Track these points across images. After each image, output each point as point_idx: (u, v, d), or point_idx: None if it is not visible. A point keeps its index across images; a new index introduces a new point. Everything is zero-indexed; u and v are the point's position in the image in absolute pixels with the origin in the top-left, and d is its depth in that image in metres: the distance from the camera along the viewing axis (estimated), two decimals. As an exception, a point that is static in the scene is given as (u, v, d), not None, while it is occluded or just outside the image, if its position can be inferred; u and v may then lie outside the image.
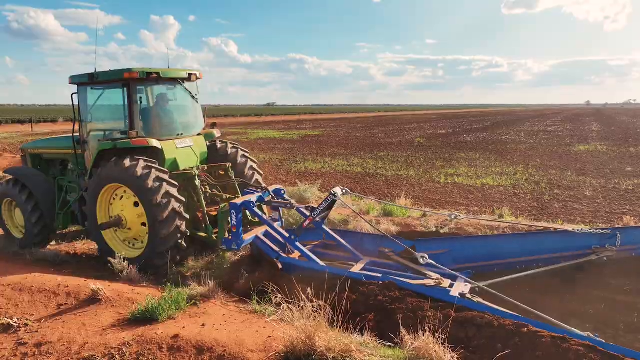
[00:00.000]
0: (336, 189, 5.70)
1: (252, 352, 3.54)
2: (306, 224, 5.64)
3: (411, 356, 3.52)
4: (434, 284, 4.72)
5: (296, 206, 6.07)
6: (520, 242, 5.47)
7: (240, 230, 5.55)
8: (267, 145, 26.94)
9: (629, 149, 22.55)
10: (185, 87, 6.96)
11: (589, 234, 5.04)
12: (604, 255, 4.93)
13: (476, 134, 35.27)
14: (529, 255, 5.27)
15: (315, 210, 5.65)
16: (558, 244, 5.22)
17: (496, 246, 5.49)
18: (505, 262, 5.31)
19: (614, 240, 4.96)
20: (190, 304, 4.63)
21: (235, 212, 5.48)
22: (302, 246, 5.59)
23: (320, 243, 6.17)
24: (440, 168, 16.66)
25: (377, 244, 5.96)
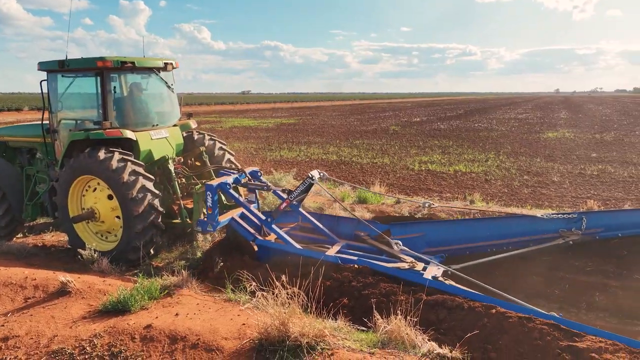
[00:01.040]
0: (313, 172, 5.71)
1: (226, 339, 3.54)
2: (283, 206, 5.62)
3: (384, 339, 3.60)
4: (407, 267, 4.82)
5: (273, 188, 6.05)
6: (492, 226, 5.63)
7: (216, 212, 5.50)
8: (242, 133, 26.67)
9: (595, 135, 23.30)
10: (160, 76, 6.79)
11: (557, 218, 5.24)
12: (570, 238, 5.14)
13: (450, 121, 35.77)
14: (499, 239, 5.45)
15: (292, 193, 5.64)
16: (527, 228, 5.41)
17: (468, 230, 5.65)
18: (477, 246, 5.48)
19: (580, 224, 5.18)
20: (164, 294, 4.58)
21: (211, 193, 5.43)
22: (279, 229, 5.60)
23: (296, 226, 6.20)
24: (415, 155, 16.87)
25: (353, 227, 6.05)
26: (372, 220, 6.28)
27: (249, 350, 3.40)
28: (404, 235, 5.59)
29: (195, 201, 6.01)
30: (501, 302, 3.87)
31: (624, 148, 18.17)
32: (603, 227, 5.17)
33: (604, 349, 3.03)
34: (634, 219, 5.21)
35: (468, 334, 3.46)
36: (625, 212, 5.58)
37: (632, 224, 5.15)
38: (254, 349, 3.38)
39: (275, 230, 5.53)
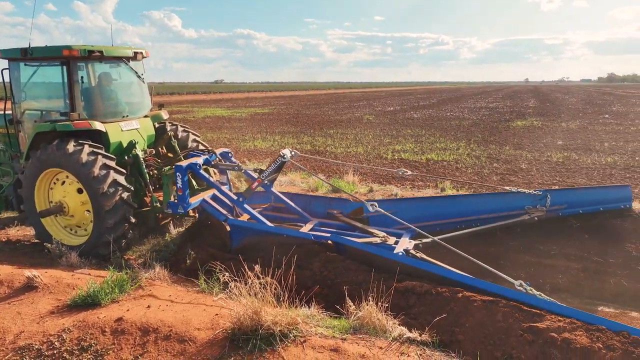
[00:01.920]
0: (285, 151, 5.71)
1: (198, 330, 3.55)
2: (254, 185, 5.60)
3: (355, 325, 3.68)
4: (379, 241, 4.91)
5: (244, 168, 6.02)
6: (461, 203, 5.84)
7: (187, 193, 5.45)
8: (215, 123, 26.31)
9: (561, 123, 24.03)
10: (130, 66, 6.61)
11: (523, 195, 5.47)
12: (535, 215, 5.38)
13: (423, 110, 36.20)
14: (469, 216, 5.65)
15: (264, 172, 5.61)
16: (495, 205, 5.64)
17: (439, 207, 5.83)
18: (447, 222, 5.65)
19: (544, 201, 5.41)
20: (135, 286, 4.53)
21: (181, 174, 5.37)
22: (251, 208, 5.58)
23: (269, 206, 6.22)
24: (388, 144, 17.03)
25: (326, 206, 6.12)
26: (344, 198, 6.38)
27: (222, 340, 3.41)
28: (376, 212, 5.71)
29: (164, 183, 5.90)
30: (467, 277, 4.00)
31: (588, 136, 18.82)
32: (566, 204, 5.46)
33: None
34: (593, 196, 5.57)
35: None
36: (586, 189, 5.97)
37: (591, 201, 5.50)
38: (227, 339, 3.40)
39: (247, 210, 5.51)
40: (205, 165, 5.91)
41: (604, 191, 5.83)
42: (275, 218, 5.90)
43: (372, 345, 3.39)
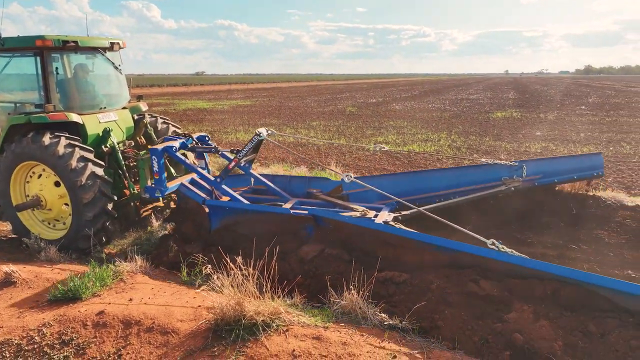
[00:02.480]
0: (261, 130, 5.71)
1: (181, 321, 3.56)
2: (232, 165, 5.58)
3: (338, 313, 3.74)
4: (359, 215, 4.97)
5: (221, 150, 6.00)
6: (440, 177, 5.91)
7: (164, 177, 5.41)
8: (196, 116, 26.02)
9: (540, 114, 24.47)
10: (107, 57, 6.49)
11: (500, 166, 5.55)
12: (512, 185, 5.49)
13: (404, 102, 36.40)
14: (447, 189, 5.74)
15: (241, 152, 5.60)
16: (473, 177, 5.73)
17: (418, 182, 5.90)
18: (427, 197, 5.73)
19: (520, 172, 5.52)
20: (117, 280, 4.51)
21: (157, 157, 5.33)
22: (229, 189, 5.57)
23: (249, 189, 6.22)
24: (370, 136, 17.12)
25: (306, 185, 6.17)
26: (324, 177, 6.44)
27: (205, 331, 3.43)
28: (357, 189, 5.75)
29: (140, 168, 5.85)
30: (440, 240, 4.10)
31: (565, 127, 19.22)
32: (541, 174, 5.59)
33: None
34: (567, 166, 5.72)
35: (416, 305, 3.65)
36: (560, 158, 6.02)
37: (566, 170, 5.67)
38: (210, 329, 3.42)
39: (225, 190, 5.50)
40: (182, 149, 5.86)
41: (578, 160, 5.93)
42: (255, 200, 5.91)
43: (354, 332, 3.45)
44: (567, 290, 3.40)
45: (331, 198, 5.73)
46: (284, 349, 3.20)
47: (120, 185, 6.14)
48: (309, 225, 4.75)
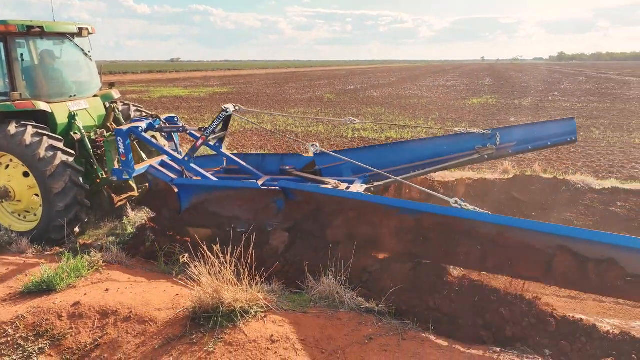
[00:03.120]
0: (227, 105, 5.65)
1: (159, 310, 3.56)
2: (199, 143, 5.50)
3: (316, 299, 3.79)
4: (331, 187, 5.01)
5: (189, 129, 5.93)
6: (412, 148, 5.84)
7: (130, 157, 5.32)
8: (172, 104, 25.57)
9: (514, 101, 24.91)
10: (75, 42, 6.29)
11: (473, 135, 5.54)
12: (485, 153, 5.50)
13: (382, 89, 36.50)
14: (421, 160, 5.71)
15: (207, 129, 5.55)
16: (446, 148, 5.68)
17: (391, 154, 5.85)
18: (400, 169, 5.68)
19: (494, 140, 5.51)
20: (93, 270, 4.45)
21: (122, 138, 5.24)
22: (198, 167, 5.53)
23: (221, 169, 6.19)
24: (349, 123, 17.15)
25: (279, 162, 6.16)
26: (297, 153, 6.44)
27: (183, 319, 3.44)
28: (329, 164, 5.76)
29: (106, 150, 5.74)
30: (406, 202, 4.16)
31: (538, 113, 19.63)
32: (515, 142, 5.53)
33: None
34: (541, 132, 5.66)
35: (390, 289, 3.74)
36: (533, 125, 6.00)
37: (540, 137, 5.62)
38: (188, 318, 3.43)
39: (194, 169, 5.46)
40: (150, 131, 5.76)
41: (551, 125, 5.88)
42: (228, 179, 5.88)
43: (332, 317, 3.51)
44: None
45: (304, 174, 5.74)
46: (262, 335, 3.24)
47: (93, 175, 6.03)
48: (279, 199, 4.72)
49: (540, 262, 3.32)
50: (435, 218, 3.76)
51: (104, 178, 5.89)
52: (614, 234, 3.19)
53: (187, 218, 5.11)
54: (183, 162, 5.50)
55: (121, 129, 5.27)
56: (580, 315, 3.97)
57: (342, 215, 4.27)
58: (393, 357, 3.05)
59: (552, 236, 3.30)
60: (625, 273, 3.05)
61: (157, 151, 6.07)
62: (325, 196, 4.46)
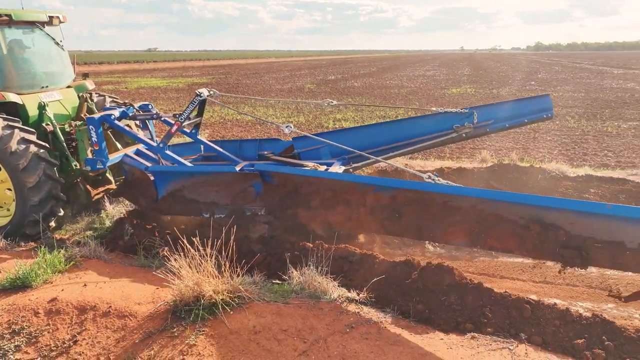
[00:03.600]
0: (201, 90, 5.57)
1: (139, 304, 3.52)
2: (174, 129, 5.43)
3: (298, 289, 3.80)
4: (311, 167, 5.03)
5: (163, 116, 5.84)
6: (391, 129, 5.83)
7: (103, 146, 5.22)
8: (150, 94, 25.10)
9: (492, 90, 25.24)
10: (46, 32, 6.09)
11: (451, 114, 5.56)
12: (463, 132, 5.54)
13: (363, 79, 36.52)
14: (399, 141, 5.71)
15: (182, 115, 5.47)
16: (424, 128, 5.69)
17: (370, 136, 5.82)
18: (380, 150, 5.66)
19: (471, 118, 5.54)
20: (70, 265, 4.38)
21: (94, 127, 5.13)
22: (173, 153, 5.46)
23: (199, 156, 6.14)
24: (329, 114, 17.13)
25: (257, 148, 6.13)
26: (275, 138, 6.43)
27: (163, 313, 3.42)
28: (308, 148, 5.76)
29: (78, 140, 5.61)
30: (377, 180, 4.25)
31: (516, 102, 19.96)
32: (492, 120, 5.58)
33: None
34: (517, 110, 5.72)
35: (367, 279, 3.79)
36: (510, 102, 6.07)
37: (517, 114, 5.67)
38: (169, 311, 3.41)
39: (169, 155, 5.39)
40: (123, 119, 5.65)
41: (527, 103, 5.92)
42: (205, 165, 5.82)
43: (314, 306, 3.53)
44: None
45: (282, 158, 5.73)
46: (244, 326, 3.24)
47: (68, 168, 5.89)
48: (257, 182, 4.68)
49: (514, 233, 3.38)
50: (410, 194, 3.79)
51: (77, 169, 5.75)
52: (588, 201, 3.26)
53: (164, 206, 5.04)
54: (158, 149, 5.41)
55: (93, 117, 5.15)
56: (555, 299, 4.10)
57: (319, 196, 4.26)
58: (374, 345, 3.09)
59: (524, 206, 3.35)
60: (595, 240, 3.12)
61: (133, 141, 5.97)
62: (302, 177, 4.44)
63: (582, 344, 3.03)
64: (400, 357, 2.98)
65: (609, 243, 3.07)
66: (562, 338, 3.12)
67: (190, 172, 4.98)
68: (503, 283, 4.51)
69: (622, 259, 3.05)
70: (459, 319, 3.35)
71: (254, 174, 4.64)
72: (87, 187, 6.21)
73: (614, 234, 3.06)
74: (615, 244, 3.05)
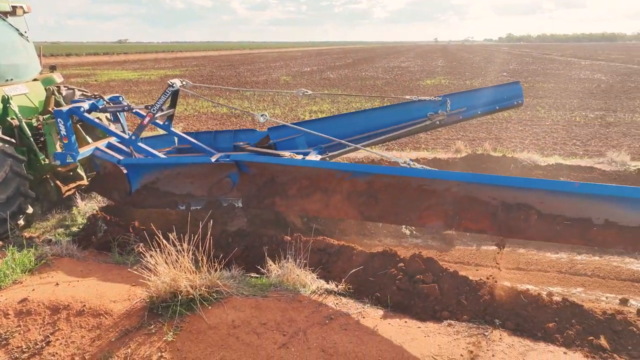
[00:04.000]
0: (174, 80, 5.47)
1: (114, 302, 3.45)
2: (146, 121, 5.32)
3: (276, 282, 3.80)
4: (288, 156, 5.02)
5: (134, 108, 5.72)
6: (366, 118, 5.89)
7: (73, 139, 5.07)
8: (122, 87, 24.48)
9: (466, 82, 25.60)
10: (9, 22, 5.84)
11: (425, 102, 5.64)
12: (437, 119, 5.64)
13: (339, 70, 36.49)
14: (375, 130, 5.76)
15: (154, 107, 5.35)
16: (399, 116, 5.76)
17: (346, 124, 5.85)
18: (356, 139, 5.69)
19: (445, 106, 5.65)
20: (41, 264, 4.24)
21: (63, 120, 4.98)
22: (146, 145, 5.37)
23: (173, 149, 6.04)
24: (305, 105, 17.08)
25: (232, 139, 6.07)
26: (250, 128, 6.40)
27: (140, 310, 3.36)
28: (284, 138, 5.74)
29: (46, 133, 5.43)
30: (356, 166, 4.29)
31: (489, 93, 20.31)
32: (465, 107, 5.70)
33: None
34: (489, 97, 5.87)
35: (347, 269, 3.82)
36: (482, 90, 6.19)
37: (489, 102, 5.82)
38: (145, 308, 3.36)
39: (142, 148, 5.30)
40: (93, 111, 5.50)
41: (499, 90, 6.08)
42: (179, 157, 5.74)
43: (293, 299, 3.54)
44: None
45: (258, 149, 5.69)
46: (223, 321, 3.23)
47: (37, 164, 5.70)
48: (233, 172, 4.62)
49: (487, 214, 3.46)
50: (386, 179, 3.82)
51: (46, 164, 5.56)
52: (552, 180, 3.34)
53: (138, 199, 4.94)
54: (130, 141, 5.28)
55: (61, 110, 4.98)
56: (527, 285, 4.23)
57: (296, 184, 4.25)
58: (353, 335, 3.12)
59: (496, 187, 3.43)
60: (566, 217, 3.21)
61: (104, 135, 5.81)
62: (278, 166, 4.41)
63: (553, 327, 3.14)
64: (379, 346, 3.02)
65: (578, 220, 3.17)
66: (534, 322, 3.23)
67: (165, 164, 4.89)
68: (478, 271, 4.61)
69: (590, 234, 3.15)
70: (436, 307, 3.42)
71: (229, 164, 4.58)
72: (57, 183, 6.03)
73: (581, 211, 3.16)
74: (583, 221, 3.15)
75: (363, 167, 4.14)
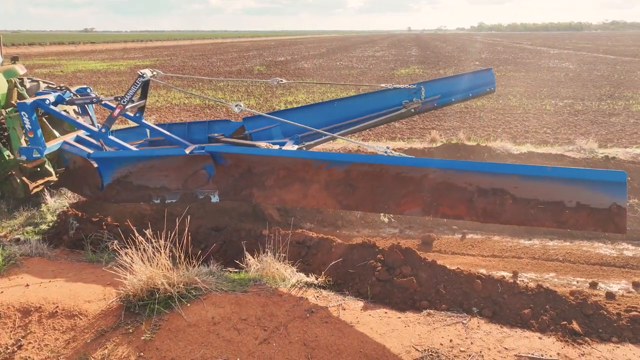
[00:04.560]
0: (144, 70, 5.34)
1: (89, 302, 3.36)
2: (116, 113, 5.17)
3: (256, 277, 3.77)
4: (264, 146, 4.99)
5: (103, 100, 5.56)
6: (342, 106, 5.88)
7: (39, 133, 4.89)
8: (89, 78, 23.71)
9: (439, 70, 25.86)
10: None
11: (399, 90, 5.70)
12: (412, 107, 5.72)
13: (313, 60, 36.28)
14: (351, 119, 5.80)
15: (124, 98, 5.21)
16: (375, 104, 5.81)
17: (321, 114, 5.87)
18: (332, 128, 5.71)
19: (419, 94, 5.74)
20: (9, 265, 4.09)
21: (27, 113, 4.79)
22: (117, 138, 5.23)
23: (145, 141, 5.91)
24: (280, 96, 16.93)
25: (207, 130, 6.00)
26: (225, 119, 6.33)
27: (116, 309, 3.28)
28: (259, 128, 5.71)
29: (9, 128, 5.21)
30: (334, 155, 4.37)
31: (462, 82, 20.58)
32: (439, 95, 5.81)
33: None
34: (463, 84, 5.98)
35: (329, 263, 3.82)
36: (455, 77, 6.25)
37: (462, 89, 5.93)
38: (122, 307, 3.28)
39: (113, 140, 5.16)
40: (60, 104, 5.31)
41: (472, 77, 6.21)
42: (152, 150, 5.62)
43: (273, 293, 3.52)
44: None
45: (233, 140, 5.63)
46: (202, 318, 3.18)
47: (1, 160, 5.46)
48: (208, 164, 4.54)
49: (463, 200, 3.51)
50: (363, 167, 3.83)
51: (11, 159, 5.33)
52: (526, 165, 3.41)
53: (110, 194, 4.80)
54: (100, 134, 5.12)
55: (24, 102, 4.78)
56: (503, 272, 4.33)
57: (273, 175, 4.21)
58: (334, 328, 3.13)
59: (472, 173, 3.48)
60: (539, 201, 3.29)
61: (72, 128, 5.61)
62: (255, 156, 4.36)
63: (528, 314, 3.22)
64: (361, 337, 3.04)
65: (551, 203, 3.25)
66: (510, 309, 3.30)
67: (138, 157, 4.75)
68: (455, 259, 4.69)
69: (563, 217, 3.24)
70: (415, 297, 3.46)
71: (204, 156, 4.49)
72: (23, 179, 5.80)
73: (554, 195, 3.25)
74: (556, 204, 3.24)
75: (340, 155, 4.15)
